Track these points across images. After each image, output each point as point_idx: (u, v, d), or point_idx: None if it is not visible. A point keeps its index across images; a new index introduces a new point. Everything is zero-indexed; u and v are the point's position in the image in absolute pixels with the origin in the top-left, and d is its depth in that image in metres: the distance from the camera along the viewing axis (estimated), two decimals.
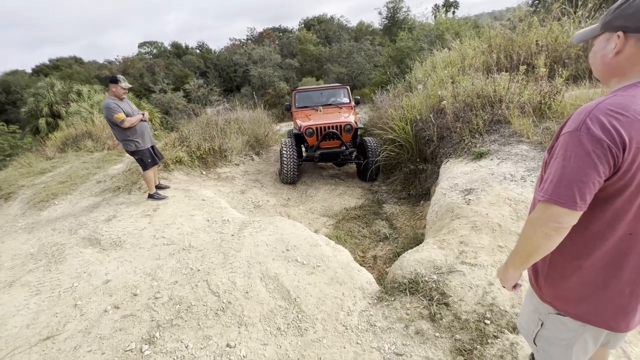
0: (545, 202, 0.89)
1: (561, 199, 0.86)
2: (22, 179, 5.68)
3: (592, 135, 0.82)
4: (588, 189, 0.84)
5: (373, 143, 5.63)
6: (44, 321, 2.17)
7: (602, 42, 0.94)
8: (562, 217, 0.87)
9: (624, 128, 0.80)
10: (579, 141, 0.84)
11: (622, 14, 0.87)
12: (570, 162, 0.85)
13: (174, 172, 4.92)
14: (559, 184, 0.87)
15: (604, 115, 0.82)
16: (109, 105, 3.65)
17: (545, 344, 1.14)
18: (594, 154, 0.82)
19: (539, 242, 0.92)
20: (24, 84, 32.57)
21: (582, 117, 0.85)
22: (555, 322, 1.08)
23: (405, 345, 1.89)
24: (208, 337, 1.98)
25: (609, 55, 0.91)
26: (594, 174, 0.83)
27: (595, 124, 0.82)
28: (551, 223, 0.89)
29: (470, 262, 2.30)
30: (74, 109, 12.84)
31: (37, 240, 3.40)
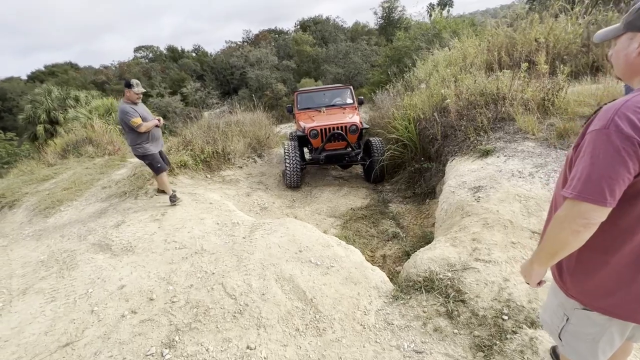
0: (573, 200, 0.90)
1: (590, 196, 0.87)
2: (25, 186, 5.65)
3: (621, 133, 0.83)
4: (618, 185, 0.85)
5: (379, 143, 5.52)
6: (61, 328, 2.18)
7: (625, 41, 0.96)
8: (591, 213, 0.88)
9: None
10: (608, 138, 0.85)
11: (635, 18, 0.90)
12: (599, 159, 0.86)
13: (179, 176, 4.92)
14: (588, 181, 0.87)
15: (632, 113, 0.84)
16: (125, 110, 3.61)
17: (571, 339, 1.14)
18: (623, 151, 0.83)
19: (567, 239, 0.93)
20: (20, 91, 32.44)
21: (610, 115, 0.86)
22: (581, 317, 1.09)
23: (425, 342, 1.91)
24: (228, 339, 1.99)
25: (633, 54, 0.93)
26: (624, 171, 0.84)
27: (624, 122, 0.83)
28: (580, 219, 0.89)
29: (484, 259, 2.32)
30: (72, 114, 12.80)
31: (46, 247, 3.39)
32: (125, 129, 3.76)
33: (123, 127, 3.76)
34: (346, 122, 5.50)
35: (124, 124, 3.65)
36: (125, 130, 3.79)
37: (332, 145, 5.57)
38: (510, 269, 2.19)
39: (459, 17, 17.84)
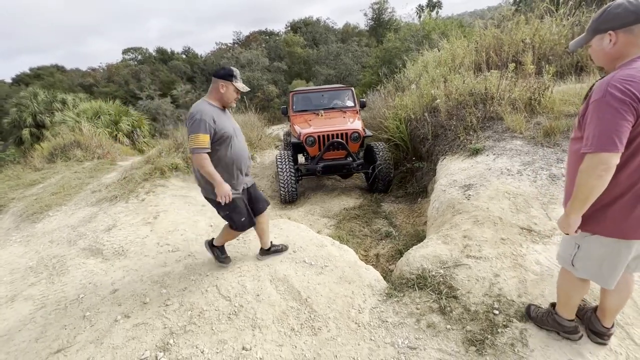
0: (593, 153, 1.18)
1: (606, 147, 1.15)
2: (12, 191, 5.54)
3: (615, 98, 1.13)
4: (623, 135, 1.14)
5: (382, 149, 5.03)
6: (53, 334, 2.14)
7: (598, 41, 1.29)
8: (608, 159, 1.15)
9: (636, 89, 1.12)
10: (608, 104, 1.14)
11: (606, 19, 1.24)
12: (605, 120, 1.15)
13: (171, 179, 4.88)
14: (601, 137, 1.16)
15: (619, 83, 1.14)
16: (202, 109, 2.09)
17: (581, 262, 1.45)
18: (621, 110, 1.13)
19: (594, 184, 1.19)
20: (5, 94, 31.64)
21: (604, 87, 1.17)
22: (590, 242, 1.40)
23: (418, 338, 1.94)
24: (223, 341, 1.99)
25: (607, 47, 1.26)
26: (625, 123, 1.13)
27: (616, 90, 1.14)
28: (601, 166, 1.16)
29: (475, 255, 2.36)
30: (59, 118, 12.54)
31: (35, 253, 3.33)
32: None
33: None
34: (347, 129, 4.92)
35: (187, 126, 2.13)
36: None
37: (330, 154, 5.05)
38: (501, 265, 2.24)
39: (447, 18, 18.12)
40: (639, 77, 1.13)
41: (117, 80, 34.29)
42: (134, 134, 12.88)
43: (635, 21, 1.18)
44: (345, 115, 5.59)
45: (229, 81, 2.15)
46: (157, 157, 5.36)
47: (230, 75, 2.15)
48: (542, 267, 2.16)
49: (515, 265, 2.22)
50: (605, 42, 1.25)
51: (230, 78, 2.15)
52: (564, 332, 1.71)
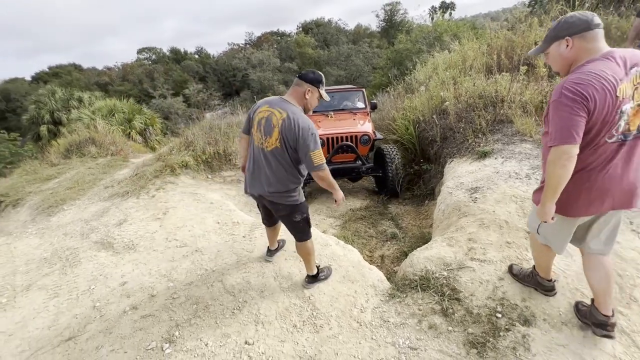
0: (556, 146, 1.35)
1: (566, 140, 1.32)
2: (29, 185, 5.72)
3: (568, 98, 1.31)
4: (580, 128, 1.32)
5: (393, 153, 4.85)
6: (64, 322, 2.22)
7: (556, 47, 1.46)
8: (570, 150, 1.33)
9: (585, 90, 1.29)
10: (563, 103, 1.33)
11: (563, 28, 1.42)
12: (562, 117, 1.33)
13: (180, 177, 4.97)
14: (561, 132, 1.33)
15: (570, 86, 1.31)
16: (314, 129, 1.93)
17: (543, 231, 1.75)
18: (575, 108, 1.31)
19: (560, 173, 1.36)
20: (24, 92, 32.67)
21: (560, 89, 1.35)
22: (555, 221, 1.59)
23: (419, 339, 1.94)
24: (226, 335, 2.03)
25: (565, 51, 1.43)
26: (580, 119, 1.31)
27: (568, 92, 1.31)
28: (564, 156, 1.34)
29: (480, 258, 2.35)
30: (75, 115, 12.90)
31: (49, 245, 3.45)
32: (292, 158, 1.98)
33: (290, 152, 1.96)
34: (357, 131, 4.82)
35: (307, 148, 1.88)
36: (290, 159, 1.98)
37: (339, 157, 4.93)
38: (506, 268, 2.23)
39: (460, 20, 17.95)
40: (587, 80, 1.30)
41: (131, 79, 35.03)
42: (146, 131, 13.14)
43: (586, 28, 1.38)
44: (355, 117, 5.45)
45: (317, 87, 2.02)
46: (168, 155, 5.48)
47: (319, 81, 2.01)
48: None
49: None
50: (562, 47, 1.43)
51: (319, 84, 2.02)
52: (543, 289, 2.00)
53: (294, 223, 2.18)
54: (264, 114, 2.00)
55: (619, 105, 1.31)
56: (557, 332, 1.81)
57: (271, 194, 2.04)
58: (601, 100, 1.29)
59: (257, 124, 2.02)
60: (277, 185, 2.02)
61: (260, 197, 2.12)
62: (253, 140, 2.08)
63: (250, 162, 2.12)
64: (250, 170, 2.12)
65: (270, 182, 2.02)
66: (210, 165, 5.68)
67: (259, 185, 2.07)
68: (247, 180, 2.16)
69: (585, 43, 1.38)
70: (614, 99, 1.30)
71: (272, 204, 2.13)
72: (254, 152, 2.08)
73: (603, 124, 1.34)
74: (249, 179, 2.13)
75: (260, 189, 2.07)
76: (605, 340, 1.70)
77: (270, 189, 2.03)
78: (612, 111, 1.32)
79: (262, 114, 2.01)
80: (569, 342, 1.75)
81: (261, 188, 2.06)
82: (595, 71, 1.31)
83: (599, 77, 1.29)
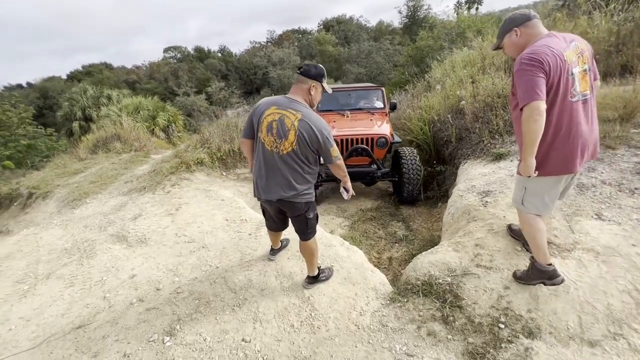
0: (527, 105, 1.58)
1: (533, 97, 1.56)
2: (58, 179, 6.07)
3: (527, 64, 1.60)
4: (542, 86, 1.57)
5: (410, 155, 4.54)
6: (76, 311, 2.34)
7: (508, 39, 1.82)
8: (539, 105, 1.56)
9: (539, 56, 1.58)
10: (523, 70, 1.61)
11: (509, 22, 1.80)
12: (526, 81, 1.60)
13: (195, 173, 5.11)
14: (527, 92, 1.58)
15: (527, 55, 1.62)
16: (328, 128, 1.99)
17: (528, 200, 1.92)
18: (534, 71, 1.58)
19: (533, 127, 1.58)
20: (60, 90, 34.57)
21: (519, 61, 1.64)
22: (533, 182, 1.86)
23: (417, 346, 1.90)
24: (225, 331, 2.07)
25: (516, 40, 1.78)
26: (540, 79, 1.57)
27: (526, 59, 1.61)
28: (535, 111, 1.57)
29: (486, 265, 2.26)
30: (104, 112, 13.55)
31: (70, 237, 3.64)
32: (309, 159, 2.00)
33: (307, 154, 1.96)
34: (373, 134, 4.52)
35: (324, 145, 1.94)
36: (307, 161, 2.00)
37: (352, 160, 4.64)
38: (512, 277, 2.13)
39: (486, 15, 17.27)
40: (539, 49, 1.61)
41: (157, 78, 36.27)
42: (169, 128, 13.59)
43: (526, 20, 1.76)
44: (372, 118, 5.13)
45: (320, 82, 1.99)
46: (184, 152, 5.64)
47: (322, 75, 1.98)
48: None
49: None
50: (513, 36, 1.79)
51: (322, 79, 1.99)
52: (548, 278, 1.97)
53: (307, 220, 2.14)
54: (274, 117, 1.92)
55: (568, 69, 1.62)
56: (564, 347, 1.72)
57: (291, 197, 2.00)
58: (553, 63, 1.57)
59: (266, 128, 1.93)
60: (297, 186, 1.98)
61: (280, 201, 2.03)
62: (262, 144, 1.97)
63: (261, 168, 2.01)
64: (263, 176, 2.01)
65: (289, 184, 1.97)
66: (224, 162, 5.80)
67: (275, 190, 1.99)
68: (260, 186, 2.05)
69: (529, 30, 1.75)
70: (564, 62, 1.60)
71: (289, 204, 2.06)
72: (265, 157, 1.98)
73: (559, 84, 1.61)
74: (263, 184, 2.02)
75: (278, 194, 1.99)
76: (614, 357, 1.60)
77: (290, 192, 1.98)
78: (564, 73, 1.60)
79: (271, 116, 1.93)
80: (575, 357, 1.65)
81: (279, 192, 1.99)
82: (544, 43, 1.64)
83: (548, 46, 1.61)
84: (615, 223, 2.32)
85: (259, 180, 2.05)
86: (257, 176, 2.06)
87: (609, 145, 3.11)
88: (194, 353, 1.94)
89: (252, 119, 2.04)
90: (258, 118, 1.99)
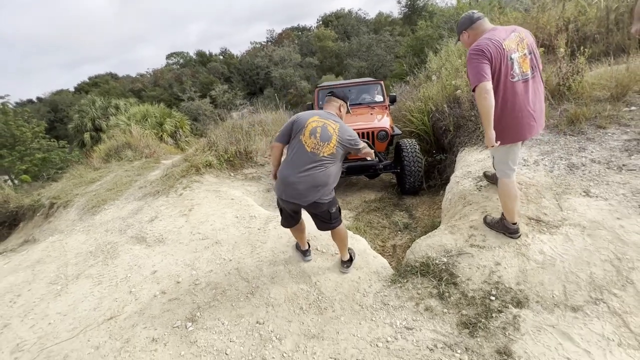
0: (477, 86, 1.93)
1: (480, 79, 1.91)
2: (76, 188, 6.39)
3: (473, 55, 1.98)
4: (487, 70, 1.93)
5: (411, 147, 4.62)
6: (106, 305, 2.59)
7: (462, 38, 2.27)
8: (485, 85, 1.90)
9: (482, 47, 1.96)
10: (471, 59, 1.99)
11: (459, 26, 2.23)
12: (473, 67, 1.96)
13: (205, 175, 5.34)
14: (476, 76, 1.94)
15: (473, 48, 2.01)
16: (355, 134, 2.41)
17: (497, 164, 2.37)
18: (480, 58, 1.95)
19: (485, 104, 1.91)
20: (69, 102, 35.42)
21: (468, 54, 2.03)
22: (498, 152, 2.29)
23: (415, 320, 2.08)
24: (240, 315, 2.28)
25: (467, 40, 2.22)
26: (485, 65, 1.94)
27: (472, 51, 2.00)
28: (483, 90, 1.91)
29: (479, 244, 2.42)
30: (113, 122, 13.96)
31: (94, 241, 3.91)
32: (340, 160, 2.37)
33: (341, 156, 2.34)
34: (373, 127, 4.66)
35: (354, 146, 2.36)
36: (339, 162, 2.36)
37: (355, 155, 4.84)
38: (503, 254, 2.29)
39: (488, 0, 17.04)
40: (482, 42, 1.99)
41: (162, 84, 36.83)
42: (176, 133, 13.93)
43: (470, 23, 2.16)
44: (373, 112, 5.27)
45: (346, 103, 2.56)
46: (193, 156, 5.88)
47: (347, 97, 2.58)
48: (545, 256, 2.17)
49: (517, 254, 2.25)
50: (464, 37, 2.24)
51: (347, 100, 2.58)
52: (509, 232, 2.39)
53: (330, 214, 2.36)
54: (317, 124, 2.26)
55: (507, 55, 1.98)
56: (549, 314, 1.87)
57: (318, 198, 2.21)
58: (494, 51, 1.95)
59: (310, 132, 2.23)
60: (326, 187, 2.24)
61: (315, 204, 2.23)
62: (302, 145, 2.22)
63: (293, 168, 2.21)
64: (295, 176, 2.18)
65: (321, 184, 2.20)
66: (232, 163, 6.01)
67: (306, 194, 2.18)
68: (291, 192, 2.21)
69: (475, 31, 2.15)
70: (503, 50, 1.97)
71: (314, 205, 2.25)
72: (303, 156, 2.20)
73: (501, 68, 1.98)
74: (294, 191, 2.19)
75: (309, 198, 2.19)
76: (594, 320, 1.75)
77: (318, 194, 2.20)
78: (504, 58, 1.97)
79: (315, 123, 2.26)
80: (559, 322, 1.81)
81: (309, 197, 2.19)
82: (487, 37, 2.03)
83: (490, 39, 1.99)
84: (602, 199, 2.44)
85: (288, 185, 2.22)
86: (286, 176, 2.23)
87: (599, 125, 3.21)
88: (214, 335, 2.16)
89: (293, 126, 2.33)
90: (301, 125, 2.28)
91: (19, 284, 3.19)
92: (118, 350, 2.14)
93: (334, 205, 2.37)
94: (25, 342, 2.35)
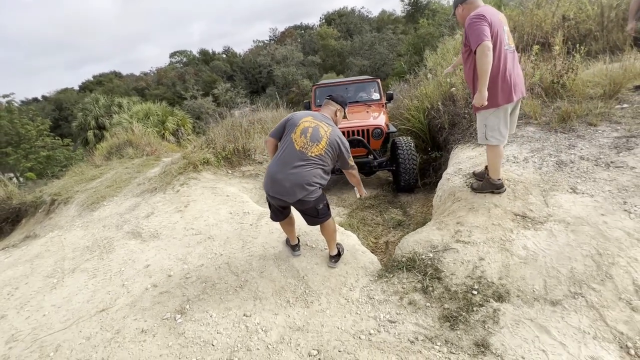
0: (479, 45, 2.15)
1: (482, 38, 2.15)
2: (77, 185, 6.48)
3: (474, 19, 2.23)
4: (487, 32, 2.17)
5: (406, 145, 4.61)
6: (99, 297, 2.65)
7: (457, 11, 2.47)
8: (487, 44, 2.15)
9: (482, 13, 2.23)
10: (473, 22, 2.22)
11: (456, 1, 2.46)
12: (475, 29, 2.19)
13: (202, 172, 5.39)
14: (478, 36, 2.17)
15: (474, 13, 2.27)
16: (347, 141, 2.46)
17: (490, 133, 2.54)
18: (481, 22, 2.20)
19: (485, 61, 2.15)
20: (73, 101, 35.71)
21: (468, 20, 2.27)
22: (490, 119, 2.51)
23: (399, 314, 2.11)
24: (228, 308, 2.33)
25: (462, 13, 2.44)
26: (486, 27, 2.18)
27: (472, 17, 2.25)
28: (484, 48, 2.14)
29: (465, 240, 2.44)
30: (116, 120, 14.09)
31: (91, 236, 3.98)
32: (329, 164, 2.38)
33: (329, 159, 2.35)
34: (368, 125, 4.68)
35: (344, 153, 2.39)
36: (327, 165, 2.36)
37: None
38: (487, 249, 2.31)
39: None
40: (481, 10, 2.26)
41: (165, 83, 37.04)
42: (178, 132, 14.03)
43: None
44: (369, 110, 5.29)
45: (344, 108, 2.55)
46: (191, 153, 5.93)
47: (346, 103, 2.57)
48: (527, 251, 2.19)
49: (501, 249, 2.27)
50: (459, 10, 2.45)
51: (346, 106, 2.57)
52: (496, 188, 2.68)
53: (317, 211, 2.38)
54: (310, 124, 2.30)
55: (500, 25, 2.28)
56: (528, 307, 1.90)
57: (304, 196, 2.23)
58: (492, 18, 2.21)
59: (301, 131, 2.26)
60: (311, 186, 2.23)
61: (301, 201, 2.25)
62: (292, 143, 2.25)
63: (281, 165, 2.23)
64: (283, 173, 2.21)
65: (306, 182, 2.21)
66: (230, 161, 6.06)
67: (293, 192, 2.20)
68: (278, 189, 2.24)
69: (469, 6, 2.39)
70: (498, 20, 2.27)
71: (299, 202, 2.28)
72: (291, 154, 2.23)
73: (497, 35, 2.24)
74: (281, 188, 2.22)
75: (296, 196, 2.22)
76: (572, 313, 1.77)
77: (304, 192, 2.21)
78: (499, 28, 2.26)
79: (307, 123, 2.30)
80: (538, 315, 1.83)
81: (296, 195, 2.21)
82: (484, 7, 2.31)
83: (487, 8, 2.28)
84: (588, 195, 2.45)
85: (275, 181, 2.25)
86: (275, 172, 2.25)
87: (591, 123, 3.21)
88: (202, 327, 2.21)
89: (286, 124, 2.38)
90: (294, 123, 2.33)
91: (18, 278, 3.26)
92: (108, 341, 2.19)
93: (321, 202, 2.38)
94: (20, 333, 2.42)
